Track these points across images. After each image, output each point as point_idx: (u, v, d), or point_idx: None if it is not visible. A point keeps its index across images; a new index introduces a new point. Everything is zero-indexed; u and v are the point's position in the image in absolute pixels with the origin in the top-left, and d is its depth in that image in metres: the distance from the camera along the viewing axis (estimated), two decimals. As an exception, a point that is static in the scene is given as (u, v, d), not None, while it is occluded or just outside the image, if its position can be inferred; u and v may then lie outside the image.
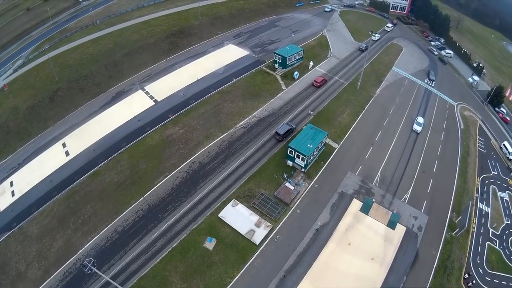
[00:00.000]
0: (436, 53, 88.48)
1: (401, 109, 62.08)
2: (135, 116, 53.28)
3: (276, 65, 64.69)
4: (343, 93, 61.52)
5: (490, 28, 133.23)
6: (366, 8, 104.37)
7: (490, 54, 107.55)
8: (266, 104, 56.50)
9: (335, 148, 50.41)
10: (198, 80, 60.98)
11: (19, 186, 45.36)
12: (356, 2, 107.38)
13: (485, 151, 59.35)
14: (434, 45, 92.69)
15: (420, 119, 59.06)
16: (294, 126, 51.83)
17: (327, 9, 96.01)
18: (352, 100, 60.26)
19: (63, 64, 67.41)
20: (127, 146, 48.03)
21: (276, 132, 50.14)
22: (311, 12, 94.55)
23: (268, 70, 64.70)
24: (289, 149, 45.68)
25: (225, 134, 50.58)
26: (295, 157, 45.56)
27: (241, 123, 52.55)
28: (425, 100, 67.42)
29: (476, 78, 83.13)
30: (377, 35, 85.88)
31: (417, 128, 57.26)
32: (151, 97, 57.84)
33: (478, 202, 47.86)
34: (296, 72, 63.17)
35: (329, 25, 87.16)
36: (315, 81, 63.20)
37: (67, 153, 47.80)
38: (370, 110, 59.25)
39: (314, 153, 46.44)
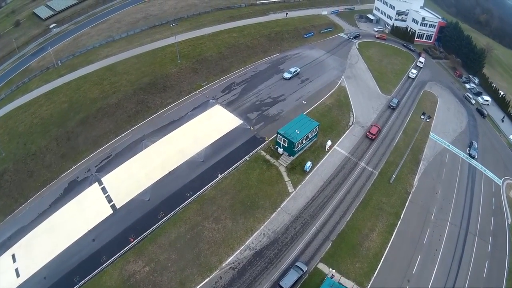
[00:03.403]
0: (473, 101, 67.41)
1: (444, 210, 43.31)
2: (89, 231, 37.09)
3: (280, 150, 43.83)
4: (373, 193, 41.85)
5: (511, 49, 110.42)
6: (376, 36, 79.46)
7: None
8: (265, 223, 36.97)
9: (362, 300, 32.08)
10: (169, 172, 41.67)
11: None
12: (376, 29, 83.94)
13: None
14: (469, 88, 71.30)
15: None
16: (304, 270, 32.76)
17: (286, 76, 57.69)
18: (384, 205, 40.75)
19: (12, 130, 50.98)
20: (80, 284, 32.43)
21: (280, 286, 31.27)
22: (323, 46, 71.23)
23: (268, 157, 43.71)
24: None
25: (207, 280, 32.54)
26: None
27: (229, 260, 33.73)
28: (470, 186, 48.40)
29: (517, 136, 62.84)
30: (414, 71, 68.49)
31: None
32: (109, 199, 39.84)
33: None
34: (308, 163, 42.15)
35: (347, 67, 64.48)
36: (370, 132, 49.96)
37: (17, 273, 35.88)
38: (408, 220, 40.32)
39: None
